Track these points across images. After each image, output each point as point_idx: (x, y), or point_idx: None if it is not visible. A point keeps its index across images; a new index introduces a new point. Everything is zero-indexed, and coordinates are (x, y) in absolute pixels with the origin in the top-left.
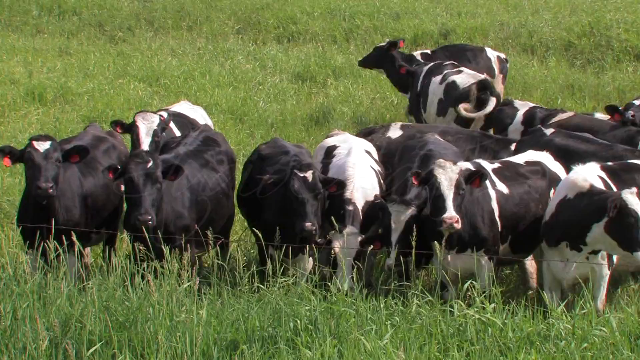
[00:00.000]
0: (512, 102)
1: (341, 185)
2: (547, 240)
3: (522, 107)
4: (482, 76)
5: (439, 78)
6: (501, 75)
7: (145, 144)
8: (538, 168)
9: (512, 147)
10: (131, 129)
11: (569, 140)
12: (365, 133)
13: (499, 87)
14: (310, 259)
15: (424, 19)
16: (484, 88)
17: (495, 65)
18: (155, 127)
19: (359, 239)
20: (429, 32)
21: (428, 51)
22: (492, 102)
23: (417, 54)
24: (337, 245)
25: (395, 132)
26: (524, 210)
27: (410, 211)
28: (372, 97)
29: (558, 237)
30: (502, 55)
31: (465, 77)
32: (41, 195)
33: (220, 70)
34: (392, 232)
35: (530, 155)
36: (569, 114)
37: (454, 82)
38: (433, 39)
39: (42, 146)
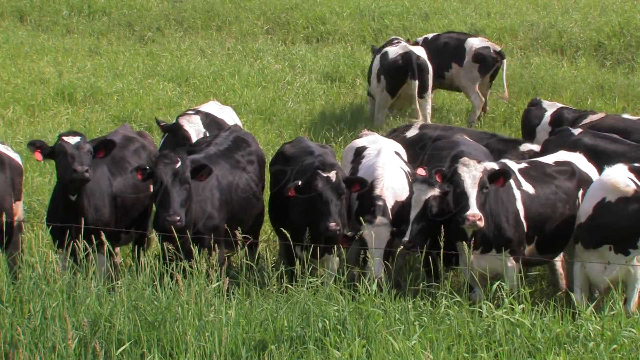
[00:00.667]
0: (540, 103)
1: (364, 183)
2: (583, 243)
3: (550, 107)
4: (411, 48)
5: (380, 52)
6: (476, 65)
7: None
8: (567, 168)
9: (521, 147)
10: (176, 131)
11: (598, 141)
12: (391, 132)
13: (472, 74)
14: (337, 258)
15: (453, 20)
16: (406, 59)
17: (468, 54)
18: (203, 129)
19: (390, 230)
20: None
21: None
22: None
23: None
24: (367, 235)
25: (412, 132)
26: (551, 210)
27: (432, 191)
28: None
29: (599, 240)
30: (494, 48)
31: (397, 49)
32: (77, 179)
33: (250, 71)
34: (411, 209)
35: (561, 155)
36: (600, 115)
37: (386, 52)
38: None
39: (73, 139)
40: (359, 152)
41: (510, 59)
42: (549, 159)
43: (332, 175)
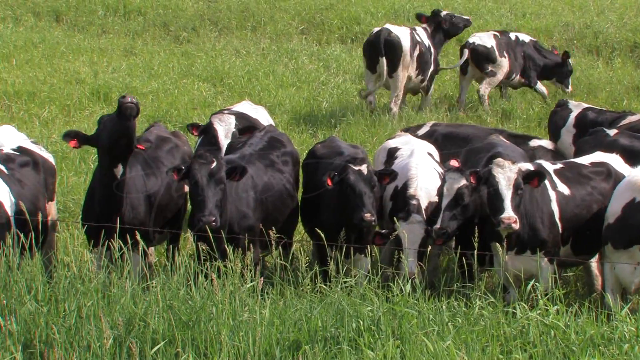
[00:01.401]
0: (566, 104)
1: (394, 175)
2: (613, 243)
3: (576, 109)
4: (394, 27)
5: None
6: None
7: (224, 146)
8: (603, 169)
9: (530, 143)
10: (208, 130)
11: (635, 142)
12: (404, 131)
13: None
14: (368, 259)
15: (488, 20)
16: (377, 35)
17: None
18: (234, 129)
19: (424, 228)
20: None
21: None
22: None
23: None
24: (402, 232)
25: (422, 130)
26: (586, 211)
27: (464, 181)
28: (435, 97)
29: (629, 241)
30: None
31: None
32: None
33: (284, 71)
34: (443, 198)
35: (597, 156)
36: (638, 116)
37: None
38: None
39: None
40: (392, 153)
41: None
42: (584, 159)
43: (364, 168)
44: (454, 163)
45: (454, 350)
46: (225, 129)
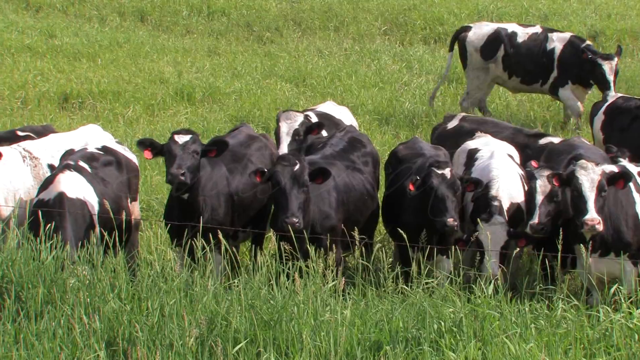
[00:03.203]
0: (606, 95)
1: (478, 184)
2: None
3: (611, 98)
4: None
5: None
6: None
7: (285, 142)
8: None
9: (541, 140)
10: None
11: None
12: (439, 125)
13: None
14: (449, 260)
15: (572, 21)
16: None
17: None
18: (297, 127)
19: (506, 229)
20: (578, 33)
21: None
22: None
23: None
24: (483, 236)
25: (453, 123)
26: None
27: None
28: (518, 97)
29: None
30: None
31: None
32: (171, 181)
33: (367, 71)
34: (536, 195)
35: None
36: None
37: None
38: None
39: (182, 139)
40: (472, 155)
41: (630, 60)
42: None
43: (447, 172)
44: (534, 164)
45: (537, 352)
46: (288, 126)
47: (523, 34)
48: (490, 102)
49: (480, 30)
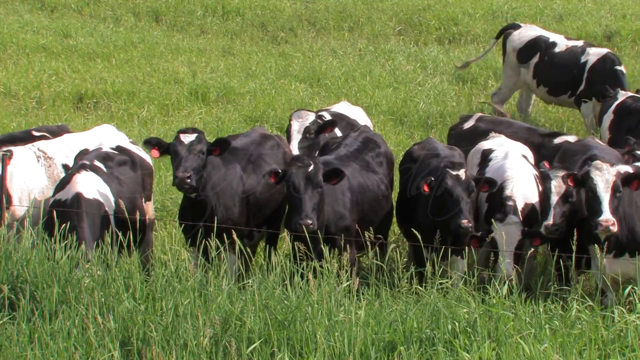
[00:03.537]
0: (617, 94)
1: (493, 184)
2: None
3: (622, 97)
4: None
5: None
6: None
7: (296, 140)
8: None
9: (555, 140)
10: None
11: None
12: (456, 124)
13: None
14: (464, 260)
15: (587, 21)
16: None
17: None
18: (308, 125)
19: (521, 229)
20: (593, 34)
21: None
22: None
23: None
24: (498, 236)
25: (469, 123)
26: None
27: None
28: (536, 98)
29: None
30: None
31: None
32: (177, 184)
33: (381, 71)
34: (551, 196)
35: None
36: None
37: None
38: (596, 41)
39: (187, 138)
40: (486, 155)
41: None
42: None
43: (461, 173)
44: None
45: (551, 353)
46: (299, 124)
47: (563, 45)
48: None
49: (524, 33)
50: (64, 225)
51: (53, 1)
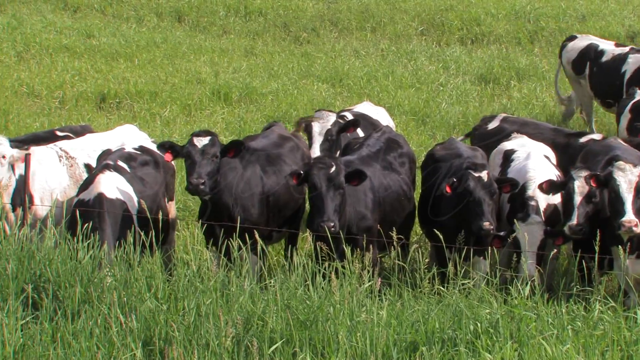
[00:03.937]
0: (634, 93)
1: (515, 184)
2: None
3: (638, 96)
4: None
5: None
6: None
7: (317, 142)
8: None
9: (581, 139)
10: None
11: None
12: (478, 125)
13: None
14: (486, 261)
15: (610, 21)
16: None
17: None
18: (329, 127)
19: (543, 229)
20: (616, 34)
21: None
22: None
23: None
24: (520, 236)
25: (494, 124)
26: None
27: None
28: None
29: None
30: None
31: None
32: (191, 190)
33: (403, 72)
34: (575, 196)
35: None
36: None
37: None
38: (619, 42)
39: (201, 142)
40: (508, 155)
41: None
42: None
43: (484, 175)
44: None
45: (573, 354)
46: (321, 126)
47: (610, 54)
48: (526, 104)
49: (578, 43)
50: (86, 225)
51: (76, 1)
